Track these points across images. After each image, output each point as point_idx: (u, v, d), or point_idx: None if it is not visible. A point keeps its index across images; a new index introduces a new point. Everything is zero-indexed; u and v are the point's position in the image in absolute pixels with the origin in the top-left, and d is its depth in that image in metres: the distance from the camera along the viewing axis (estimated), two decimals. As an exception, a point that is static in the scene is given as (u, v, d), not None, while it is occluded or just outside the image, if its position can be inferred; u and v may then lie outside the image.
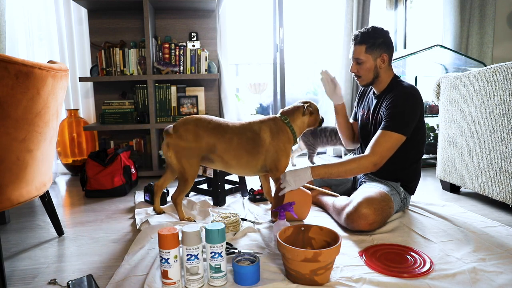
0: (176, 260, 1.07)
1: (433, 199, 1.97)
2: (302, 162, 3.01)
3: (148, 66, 2.60)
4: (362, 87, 1.87)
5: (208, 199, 2.00)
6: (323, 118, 1.87)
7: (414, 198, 1.93)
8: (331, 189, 1.91)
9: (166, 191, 1.98)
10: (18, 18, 2.64)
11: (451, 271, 1.16)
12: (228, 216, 1.57)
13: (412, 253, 1.30)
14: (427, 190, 2.20)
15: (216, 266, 1.10)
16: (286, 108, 1.79)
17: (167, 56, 2.69)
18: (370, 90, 1.83)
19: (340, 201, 1.63)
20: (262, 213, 1.79)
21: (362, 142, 1.86)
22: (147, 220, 1.67)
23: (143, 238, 1.49)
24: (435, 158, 2.99)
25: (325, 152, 3.40)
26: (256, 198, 1.97)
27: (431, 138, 2.95)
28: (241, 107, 3.04)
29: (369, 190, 1.57)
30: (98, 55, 2.64)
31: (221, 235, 1.10)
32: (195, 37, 2.82)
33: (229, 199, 2.02)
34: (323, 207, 1.81)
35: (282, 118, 1.73)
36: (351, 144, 1.97)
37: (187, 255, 1.08)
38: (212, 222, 1.52)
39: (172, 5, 2.69)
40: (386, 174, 1.70)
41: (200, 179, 2.20)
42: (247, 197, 2.05)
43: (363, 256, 1.29)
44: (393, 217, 1.66)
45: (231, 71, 3.12)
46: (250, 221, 1.67)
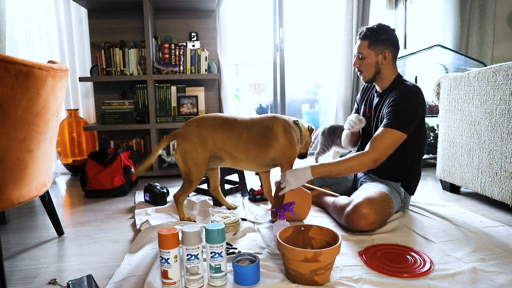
0: (176, 260, 1.07)
1: (433, 199, 1.97)
2: (302, 162, 3.01)
3: (148, 66, 2.60)
4: (365, 84, 1.89)
5: (208, 199, 2.00)
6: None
7: (414, 198, 1.93)
8: (331, 189, 1.91)
9: (166, 191, 1.98)
10: (18, 18, 2.65)
11: (451, 271, 1.16)
12: (228, 216, 1.57)
13: (412, 253, 1.30)
14: (427, 190, 2.20)
15: (216, 266, 1.10)
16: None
17: (167, 56, 2.69)
18: (373, 87, 1.83)
19: (340, 200, 1.62)
20: (262, 213, 1.79)
21: (363, 139, 1.86)
22: (147, 220, 1.67)
23: (143, 238, 1.49)
24: (435, 158, 2.99)
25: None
26: (256, 198, 1.97)
27: (431, 138, 2.95)
28: (241, 107, 3.04)
29: (369, 190, 1.57)
30: (98, 55, 2.64)
31: (221, 235, 1.10)
32: (195, 37, 2.82)
33: (229, 199, 2.02)
34: (324, 207, 1.81)
35: (293, 120, 1.75)
36: (352, 146, 1.98)
37: (187, 255, 1.08)
38: (212, 222, 1.52)
39: (172, 5, 2.69)
40: (387, 173, 1.70)
41: (200, 179, 2.20)
42: (247, 197, 2.05)
43: (363, 256, 1.29)
44: (393, 217, 1.66)
45: (231, 71, 3.12)
46: (250, 221, 1.67)
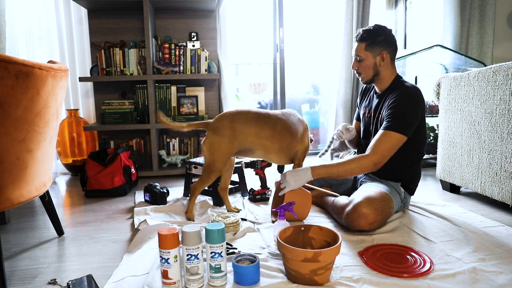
0: (176, 260, 1.07)
1: (433, 199, 1.97)
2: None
3: (148, 66, 2.60)
4: (364, 85, 1.89)
5: (208, 199, 2.00)
6: None
7: (414, 198, 1.93)
8: (331, 189, 1.91)
9: (166, 191, 1.98)
10: (18, 18, 2.64)
11: (451, 271, 1.16)
12: (228, 216, 1.57)
13: (412, 253, 1.30)
14: (427, 190, 2.20)
15: (216, 266, 1.10)
16: None
17: (167, 56, 2.69)
18: (372, 89, 1.83)
19: (340, 200, 1.63)
20: (262, 213, 1.79)
21: (363, 141, 1.86)
22: (145, 220, 1.67)
23: (142, 238, 1.49)
24: (435, 158, 2.99)
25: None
26: (256, 198, 1.97)
27: (431, 138, 2.95)
28: (240, 107, 3.04)
29: (369, 190, 1.57)
30: (98, 55, 2.64)
31: (221, 235, 1.10)
32: (195, 37, 2.82)
33: (229, 199, 2.01)
34: (324, 207, 1.81)
35: None
36: (354, 148, 2.00)
37: (187, 255, 1.08)
38: (212, 222, 1.52)
39: (172, 5, 2.69)
40: (387, 174, 1.70)
41: (200, 179, 2.20)
42: (247, 197, 2.05)
43: (363, 256, 1.29)
44: (393, 217, 1.66)
45: (231, 71, 3.12)
46: (250, 221, 1.67)
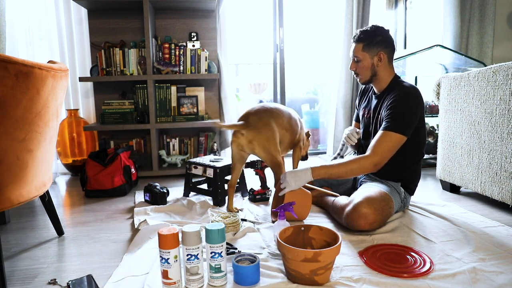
0: (176, 260, 1.07)
1: (433, 199, 1.97)
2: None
3: (148, 66, 2.60)
4: (362, 86, 1.90)
5: (208, 199, 2.00)
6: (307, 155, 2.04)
7: (414, 198, 1.93)
8: (331, 189, 1.91)
9: (166, 191, 1.98)
10: (18, 18, 2.64)
11: (451, 271, 1.16)
12: (228, 216, 1.57)
13: (412, 253, 1.30)
14: (427, 190, 2.20)
15: (216, 266, 1.10)
16: None
17: (167, 56, 2.69)
18: (371, 89, 1.83)
19: (340, 200, 1.63)
20: (262, 213, 1.79)
21: (363, 141, 1.86)
22: (145, 220, 1.67)
23: (142, 238, 1.49)
24: (435, 158, 2.99)
25: (325, 152, 3.40)
26: (256, 198, 1.97)
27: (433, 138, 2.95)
28: (241, 107, 3.04)
29: (369, 190, 1.57)
30: (98, 55, 2.64)
31: (221, 235, 1.10)
32: (195, 37, 2.82)
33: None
34: (324, 207, 1.81)
35: None
36: (354, 149, 2.00)
37: (187, 255, 1.08)
38: (212, 222, 1.52)
39: (172, 5, 2.69)
40: (387, 174, 1.70)
41: (200, 179, 2.20)
42: (247, 197, 2.05)
43: (363, 256, 1.29)
44: (393, 217, 1.66)
45: (231, 71, 3.12)
46: (250, 221, 1.67)
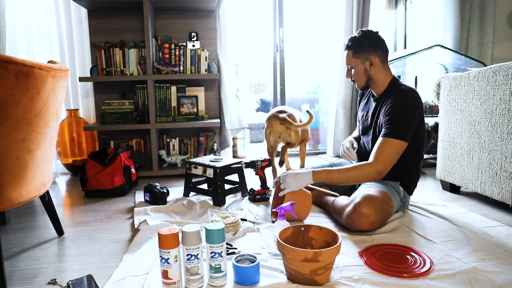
0: (176, 260, 1.07)
1: (433, 199, 1.97)
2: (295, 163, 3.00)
3: (148, 66, 2.60)
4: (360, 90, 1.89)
5: (208, 199, 2.00)
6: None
7: (414, 198, 1.93)
8: (331, 188, 1.91)
9: (166, 191, 1.98)
10: (18, 18, 2.64)
11: (451, 271, 1.16)
12: (228, 216, 1.57)
13: (412, 253, 1.30)
14: (427, 190, 2.20)
15: (216, 266, 1.10)
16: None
17: (167, 56, 2.69)
18: (370, 92, 1.83)
19: (340, 201, 1.62)
20: (262, 213, 1.79)
21: (363, 146, 1.87)
22: (145, 220, 1.67)
23: (142, 238, 1.49)
24: (435, 158, 2.99)
25: (325, 152, 3.40)
26: (256, 198, 1.97)
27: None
28: (241, 107, 3.04)
29: (369, 189, 1.57)
30: (98, 55, 2.64)
31: (221, 235, 1.10)
32: (195, 37, 2.82)
33: (229, 199, 2.02)
34: (324, 207, 1.81)
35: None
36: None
37: (187, 255, 1.08)
38: (212, 222, 1.52)
39: (172, 5, 2.69)
40: (386, 176, 1.68)
41: (200, 179, 2.20)
42: (247, 197, 2.05)
43: (363, 256, 1.29)
44: (393, 217, 1.66)
45: (231, 71, 3.12)
46: (250, 221, 1.67)
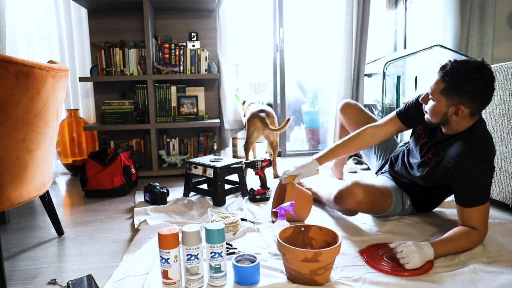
0: (176, 260, 1.07)
1: (433, 199, 1.96)
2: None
3: (148, 66, 2.60)
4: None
5: (208, 199, 2.00)
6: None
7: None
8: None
9: (166, 191, 1.98)
10: (18, 18, 2.64)
11: (451, 271, 1.16)
12: (227, 216, 1.57)
13: (412, 253, 1.30)
14: (427, 190, 2.20)
15: (216, 266, 1.10)
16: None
17: (167, 56, 2.69)
18: None
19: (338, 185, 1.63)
20: (262, 213, 1.79)
21: (405, 163, 1.64)
22: (145, 220, 1.67)
23: (142, 238, 1.49)
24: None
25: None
26: (256, 198, 1.97)
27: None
28: (241, 107, 3.04)
29: (373, 178, 1.56)
30: (98, 55, 2.64)
31: (221, 235, 1.10)
32: (195, 37, 2.82)
33: (229, 199, 2.02)
34: (319, 200, 1.82)
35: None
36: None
37: (187, 255, 1.08)
38: (211, 222, 1.52)
39: (172, 5, 2.68)
40: (411, 192, 1.65)
41: (200, 179, 2.20)
42: (247, 197, 2.05)
43: (363, 256, 1.29)
44: (392, 217, 1.66)
45: (231, 71, 3.12)
46: (250, 221, 1.67)
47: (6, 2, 2.44)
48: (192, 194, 2.13)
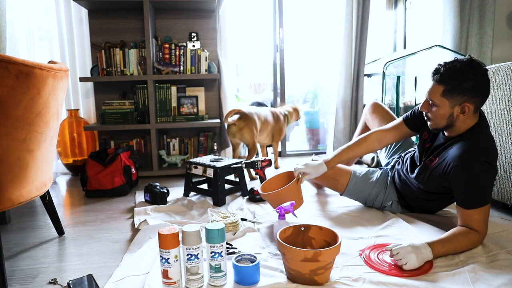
0: (176, 260, 1.08)
1: (432, 199, 1.97)
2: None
3: (148, 66, 2.60)
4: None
5: (208, 199, 2.00)
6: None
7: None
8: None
9: (166, 191, 1.99)
10: (18, 18, 2.65)
11: (451, 271, 1.16)
12: (228, 216, 1.57)
13: (411, 253, 1.30)
14: (427, 190, 2.21)
15: (216, 266, 1.10)
16: None
17: (167, 56, 2.69)
18: None
19: None
20: (262, 213, 1.79)
21: (411, 162, 1.65)
22: (146, 220, 1.67)
23: (142, 238, 1.49)
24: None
25: (325, 152, 3.40)
26: (256, 198, 1.97)
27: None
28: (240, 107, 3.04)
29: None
30: (99, 55, 2.64)
31: (221, 235, 1.11)
32: (195, 37, 2.83)
33: (229, 199, 2.02)
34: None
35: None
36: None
37: (187, 255, 1.09)
38: (211, 222, 1.52)
39: (172, 5, 2.69)
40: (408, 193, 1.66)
41: (200, 179, 2.20)
42: (247, 197, 2.05)
43: (363, 255, 1.29)
44: (392, 216, 1.66)
45: (231, 71, 3.11)
46: (250, 221, 1.67)
47: (7, 2, 2.44)
48: (192, 194, 2.13)
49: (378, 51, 3.48)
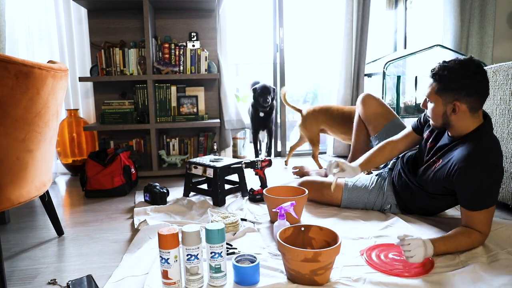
0: (176, 260, 1.07)
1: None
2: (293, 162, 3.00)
3: (148, 66, 2.60)
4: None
5: (208, 199, 2.00)
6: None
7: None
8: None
9: (166, 191, 1.98)
10: (18, 18, 2.64)
11: (451, 271, 1.16)
12: (227, 216, 1.57)
13: (412, 253, 1.30)
14: (427, 190, 2.20)
15: (216, 266, 1.10)
16: None
17: (167, 56, 2.69)
18: None
19: None
20: (262, 213, 1.79)
21: (413, 163, 1.66)
22: (145, 220, 1.67)
23: (142, 238, 1.49)
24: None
25: (325, 152, 3.40)
26: (256, 198, 1.97)
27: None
28: (240, 107, 3.04)
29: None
30: (98, 55, 2.63)
31: (221, 235, 1.10)
32: (195, 37, 2.82)
33: (229, 199, 2.02)
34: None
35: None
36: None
37: (187, 255, 1.08)
38: (211, 222, 1.52)
39: (172, 5, 2.68)
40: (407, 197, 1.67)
41: (200, 179, 2.20)
42: (247, 197, 2.05)
43: (363, 255, 1.29)
44: (392, 217, 1.65)
45: (231, 71, 3.12)
46: (250, 221, 1.67)
47: (6, 2, 2.44)
48: (192, 194, 2.13)
49: (378, 51, 3.47)
